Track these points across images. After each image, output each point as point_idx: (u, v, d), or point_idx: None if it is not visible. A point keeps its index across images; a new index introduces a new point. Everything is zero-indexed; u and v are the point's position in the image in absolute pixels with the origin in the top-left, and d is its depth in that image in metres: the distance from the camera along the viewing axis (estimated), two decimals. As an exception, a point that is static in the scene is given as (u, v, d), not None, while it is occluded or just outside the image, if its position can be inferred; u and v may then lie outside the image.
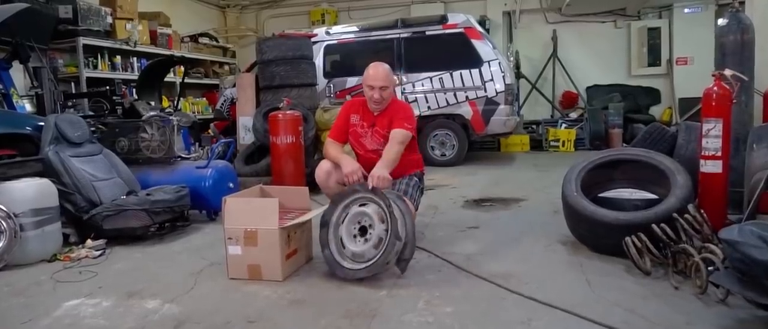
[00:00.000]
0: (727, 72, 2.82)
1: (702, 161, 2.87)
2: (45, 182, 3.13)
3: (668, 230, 2.42)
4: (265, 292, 2.43)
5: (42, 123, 3.64)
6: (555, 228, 3.34)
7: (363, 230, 2.59)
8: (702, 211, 2.46)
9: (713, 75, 2.86)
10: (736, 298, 2.07)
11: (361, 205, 2.67)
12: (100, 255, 3.11)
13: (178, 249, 3.24)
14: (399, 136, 2.99)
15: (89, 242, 3.24)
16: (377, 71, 3.05)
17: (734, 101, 2.81)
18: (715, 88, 2.82)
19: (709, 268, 2.09)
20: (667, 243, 2.45)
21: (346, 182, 2.99)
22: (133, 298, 2.41)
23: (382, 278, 2.57)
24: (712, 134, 2.82)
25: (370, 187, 2.69)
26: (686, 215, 2.43)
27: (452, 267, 2.69)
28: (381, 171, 2.78)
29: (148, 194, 3.45)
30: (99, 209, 3.30)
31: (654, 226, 2.46)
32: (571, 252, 2.87)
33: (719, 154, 2.80)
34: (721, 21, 3.49)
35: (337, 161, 3.03)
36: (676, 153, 3.50)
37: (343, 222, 2.65)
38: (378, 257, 2.45)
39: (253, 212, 2.59)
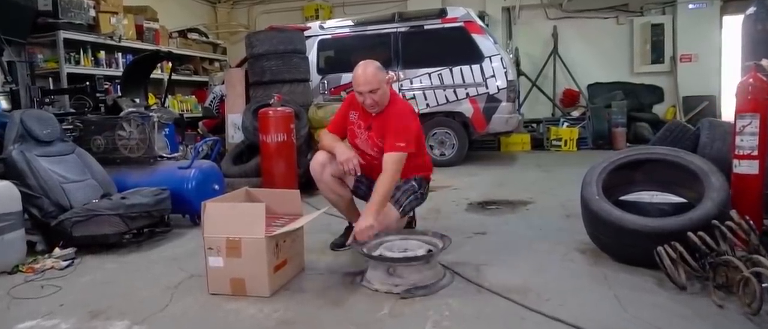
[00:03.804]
0: (765, 62, 2.55)
1: (735, 161, 2.60)
2: (6, 185, 2.81)
3: (707, 238, 2.14)
4: (250, 310, 2.14)
5: (7, 120, 3.32)
6: (569, 234, 3.06)
7: None
8: (748, 218, 2.18)
9: (748, 65, 2.59)
10: (793, 319, 1.80)
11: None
12: (68, 266, 2.79)
13: (155, 259, 2.93)
14: (391, 165, 2.58)
15: (57, 250, 2.93)
16: (364, 73, 2.66)
17: (772, 94, 2.53)
18: (751, 80, 2.54)
19: (764, 284, 1.81)
20: (705, 254, 2.16)
21: (341, 171, 2.73)
22: (98, 319, 2.10)
23: (383, 292, 2.28)
24: (748, 131, 2.54)
25: (349, 242, 2.52)
26: (728, 223, 2.15)
27: (461, 280, 2.40)
28: (364, 221, 2.46)
29: (122, 198, 3.13)
30: (68, 214, 2.99)
31: (690, 234, 2.18)
32: (592, 262, 2.59)
33: (755, 153, 2.52)
34: (749, 10, 3.23)
35: (331, 150, 2.77)
36: (699, 152, 3.23)
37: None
38: None
39: (237, 218, 2.29)
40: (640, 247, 2.35)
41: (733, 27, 8.31)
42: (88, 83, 5.27)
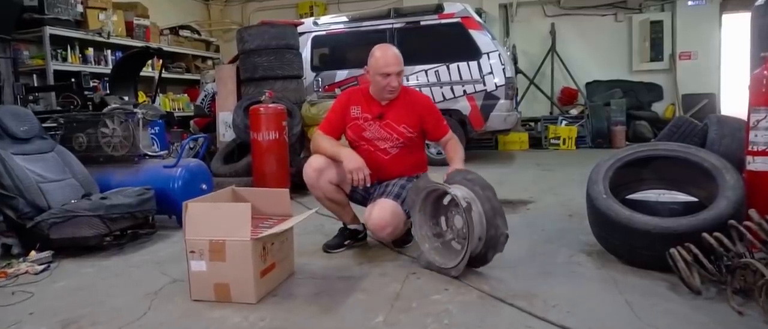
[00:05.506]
0: (780, 53, 2.41)
1: (749, 158, 2.46)
2: (-22, 185, 2.66)
3: (725, 240, 2.00)
4: (235, 318, 1.98)
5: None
6: (574, 236, 2.92)
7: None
8: (768, 218, 2.04)
9: (763, 56, 2.46)
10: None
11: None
12: (43, 270, 2.63)
13: (136, 263, 2.77)
14: (453, 137, 2.84)
15: (33, 254, 2.77)
16: (387, 55, 2.60)
17: (788, 86, 2.40)
18: (766, 72, 2.41)
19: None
20: (721, 256, 2.03)
21: (348, 181, 2.55)
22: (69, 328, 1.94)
23: (378, 298, 2.13)
24: (763, 126, 2.40)
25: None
26: (747, 223, 2.01)
27: (462, 284, 2.25)
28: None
29: (103, 198, 2.97)
30: (45, 215, 2.82)
31: (706, 235, 2.04)
32: (599, 265, 2.45)
33: (771, 149, 2.40)
34: (759, 0, 3.10)
35: (335, 156, 2.60)
36: (708, 149, 3.11)
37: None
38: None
39: (221, 219, 2.14)
40: (652, 249, 2.21)
41: (732, 25, 8.22)
42: (73, 80, 5.10)
